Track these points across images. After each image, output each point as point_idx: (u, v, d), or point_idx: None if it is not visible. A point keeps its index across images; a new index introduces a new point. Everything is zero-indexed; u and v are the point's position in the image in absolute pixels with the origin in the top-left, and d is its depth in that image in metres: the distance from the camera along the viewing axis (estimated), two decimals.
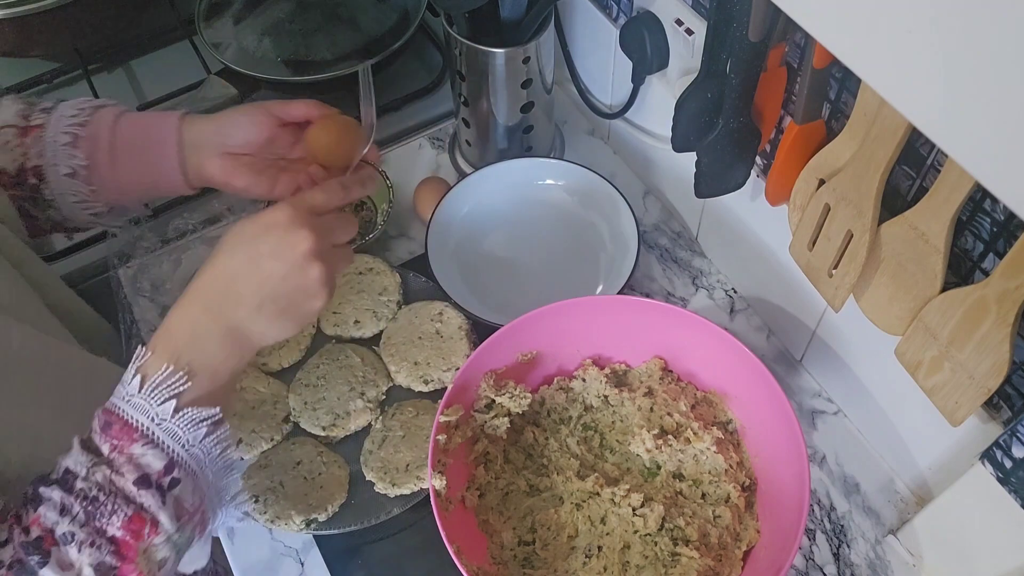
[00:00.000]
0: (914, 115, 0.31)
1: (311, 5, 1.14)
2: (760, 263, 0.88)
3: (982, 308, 0.57)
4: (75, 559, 0.53)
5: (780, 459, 0.73)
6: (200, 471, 0.58)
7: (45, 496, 0.54)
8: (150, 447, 0.55)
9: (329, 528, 0.78)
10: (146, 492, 0.55)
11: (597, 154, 1.07)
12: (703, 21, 0.78)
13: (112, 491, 0.54)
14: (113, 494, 0.54)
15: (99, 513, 0.54)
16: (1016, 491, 0.61)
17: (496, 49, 0.89)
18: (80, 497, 0.54)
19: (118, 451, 0.55)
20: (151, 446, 0.55)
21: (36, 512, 0.54)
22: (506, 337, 0.77)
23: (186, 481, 0.57)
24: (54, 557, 0.52)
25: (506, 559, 0.73)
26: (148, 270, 0.98)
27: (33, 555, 0.52)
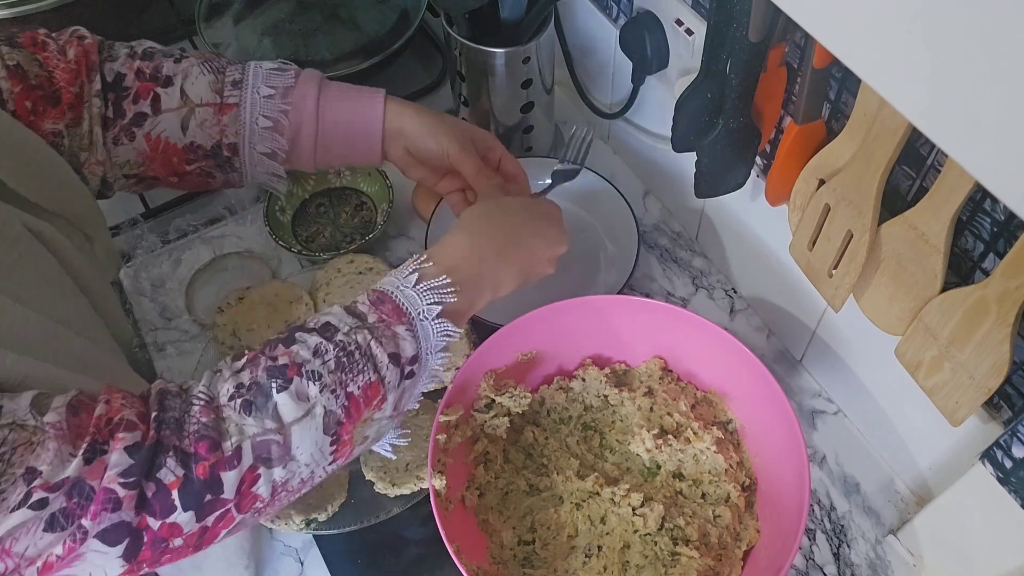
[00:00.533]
0: (914, 115, 0.31)
1: (311, 5, 1.14)
2: (760, 263, 0.88)
3: (982, 308, 0.57)
4: (313, 396, 0.55)
5: (780, 459, 0.73)
6: (423, 379, 0.63)
7: (300, 339, 0.57)
8: (410, 334, 0.60)
9: (329, 528, 0.78)
10: (394, 368, 0.59)
11: (597, 154, 1.07)
12: (703, 21, 0.78)
13: (367, 354, 0.58)
14: (366, 357, 0.58)
15: (350, 367, 0.57)
16: (1016, 491, 0.61)
17: (496, 49, 0.89)
18: (338, 347, 0.57)
19: (385, 324, 0.59)
20: (411, 334, 0.60)
21: (288, 348, 0.57)
22: (506, 337, 0.77)
23: (416, 380, 0.62)
24: (294, 386, 0.55)
25: (506, 559, 0.73)
26: (148, 270, 0.98)
27: (275, 378, 0.55)
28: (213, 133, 0.73)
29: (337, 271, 0.93)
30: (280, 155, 0.75)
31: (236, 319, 0.89)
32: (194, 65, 0.73)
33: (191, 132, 0.73)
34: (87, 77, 0.70)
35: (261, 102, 0.74)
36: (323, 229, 1.01)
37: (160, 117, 0.72)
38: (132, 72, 0.72)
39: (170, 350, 0.93)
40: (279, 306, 0.90)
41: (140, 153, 0.73)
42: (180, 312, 0.95)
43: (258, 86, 0.74)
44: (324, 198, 1.03)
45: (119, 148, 0.72)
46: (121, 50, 0.73)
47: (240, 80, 0.74)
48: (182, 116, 0.72)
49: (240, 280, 0.96)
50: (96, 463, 0.49)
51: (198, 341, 0.93)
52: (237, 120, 0.73)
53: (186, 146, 0.73)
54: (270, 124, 0.74)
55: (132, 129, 0.72)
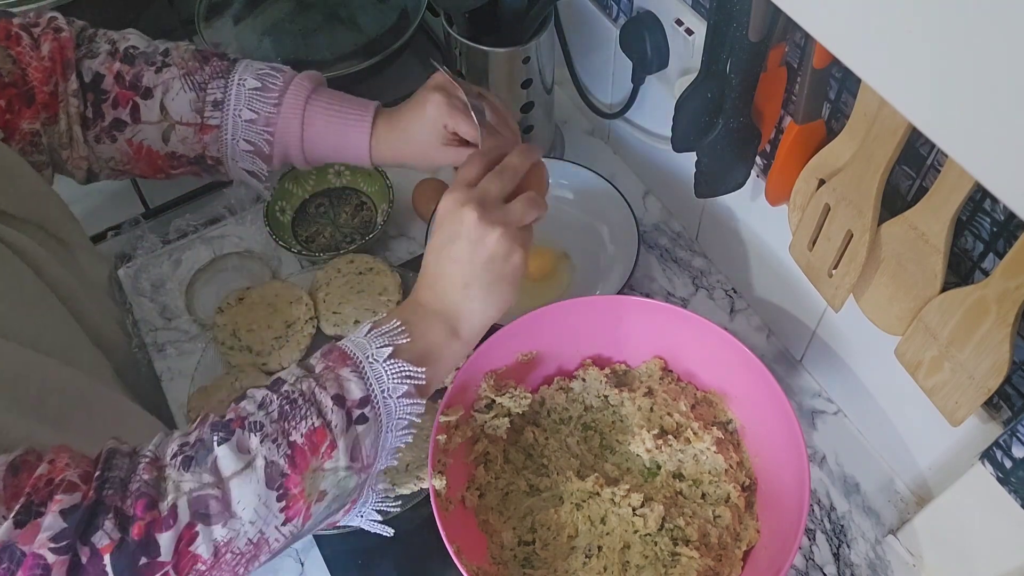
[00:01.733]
0: (914, 115, 0.31)
1: (311, 5, 1.14)
2: (760, 263, 0.88)
3: (982, 308, 0.57)
4: (254, 447, 0.53)
5: (780, 459, 0.73)
6: (385, 427, 0.59)
7: (249, 395, 0.57)
8: (356, 376, 0.58)
9: (329, 528, 0.78)
10: (338, 410, 0.56)
11: (597, 154, 1.07)
12: (703, 21, 0.78)
13: (310, 399, 0.56)
14: (310, 402, 0.56)
15: (292, 415, 0.55)
16: (1016, 491, 0.61)
17: (496, 49, 0.89)
18: (282, 397, 0.56)
19: (329, 370, 0.58)
20: (357, 375, 0.58)
21: (237, 404, 0.56)
22: (506, 337, 0.77)
23: (371, 426, 0.58)
24: (236, 438, 0.53)
25: (506, 559, 0.73)
26: (148, 270, 0.98)
27: (218, 431, 0.53)
28: (195, 147, 0.72)
29: (337, 271, 0.93)
30: (262, 176, 0.74)
31: (236, 319, 0.89)
32: (176, 78, 0.71)
33: (172, 144, 0.72)
34: (62, 75, 0.68)
35: (243, 126, 0.72)
36: (323, 229, 1.01)
37: (140, 126, 0.71)
38: (112, 75, 0.70)
39: (170, 350, 0.93)
40: (279, 306, 0.90)
41: (123, 154, 0.72)
42: (180, 312, 0.95)
43: (240, 109, 0.72)
44: (324, 198, 1.03)
45: (101, 147, 0.71)
46: (102, 46, 0.71)
47: (222, 100, 0.71)
48: (163, 130, 0.71)
49: (240, 280, 0.96)
50: (29, 526, 0.46)
51: (198, 341, 0.93)
52: (219, 140, 0.72)
53: (168, 154, 0.72)
54: (251, 148, 0.73)
55: (113, 132, 0.71)
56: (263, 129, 0.73)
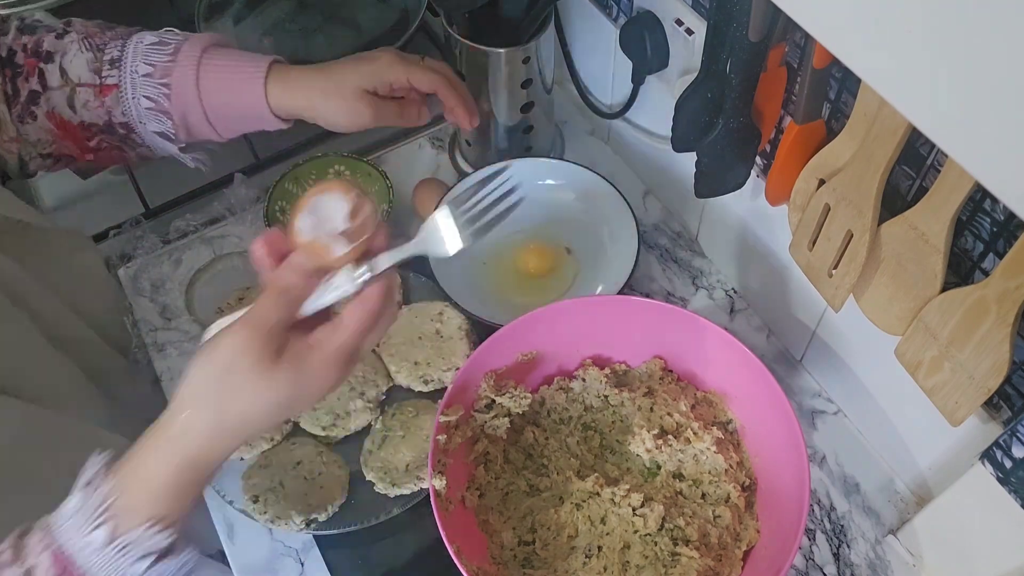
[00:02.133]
0: (914, 115, 0.31)
1: (311, 5, 1.14)
2: (760, 263, 0.88)
3: (982, 308, 0.57)
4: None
5: (780, 459, 0.73)
6: None
7: None
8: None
9: (329, 528, 0.78)
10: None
11: (597, 154, 1.07)
12: (703, 21, 0.78)
13: None
14: None
15: None
16: (1016, 491, 0.61)
17: (496, 49, 0.89)
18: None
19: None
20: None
21: None
22: (506, 337, 0.77)
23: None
24: None
25: (506, 559, 0.73)
26: (148, 270, 0.98)
27: None
28: (100, 113, 0.70)
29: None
30: (170, 135, 0.72)
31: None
32: (74, 42, 0.71)
33: (79, 112, 0.70)
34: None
35: (140, 82, 0.70)
36: None
37: (48, 93, 0.70)
38: (20, 48, 0.70)
39: (170, 350, 0.93)
40: None
41: (47, 131, 0.71)
42: (180, 312, 0.95)
43: (136, 64, 0.71)
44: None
45: (27, 127, 0.70)
46: (12, 23, 0.71)
47: (119, 58, 0.71)
48: (66, 95, 0.70)
49: (240, 280, 0.96)
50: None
51: (198, 341, 0.92)
52: (120, 101, 0.70)
53: (79, 124, 0.71)
54: (152, 104, 0.71)
55: (31, 108, 0.70)
56: (159, 82, 0.71)
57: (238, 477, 0.80)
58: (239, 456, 0.81)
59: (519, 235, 0.97)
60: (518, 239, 0.97)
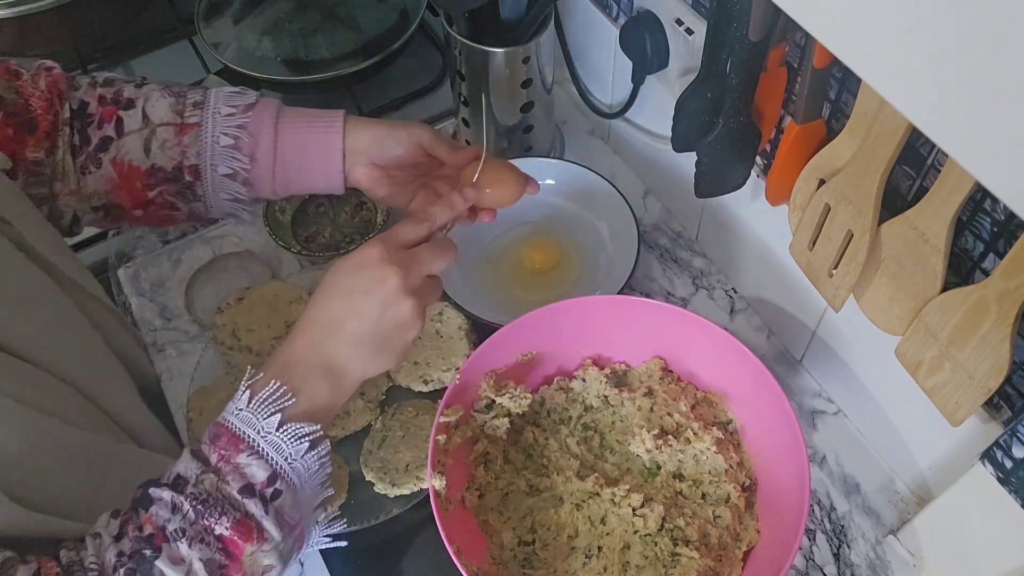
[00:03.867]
0: (914, 115, 0.31)
1: (310, 5, 1.14)
2: (760, 263, 0.88)
3: (982, 308, 0.57)
4: (185, 554, 0.55)
5: (780, 459, 0.73)
6: (300, 486, 0.60)
7: (155, 496, 0.57)
8: (255, 458, 0.58)
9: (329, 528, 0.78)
10: (250, 500, 0.57)
11: (597, 154, 1.07)
12: (703, 21, 0.78)
13: (219, 497, 0.56)
14: (221, 500, 0.56)
15: (208, 513, 0.56)
16: (1016, 491, 0.61)
17: (496, 49, 0.89)
18: (190, 498, 0.56)
19: (225, 460, 0.57)
20: (256, 457, 0.58)
21: (148, 512, 0.56)
22: (506, 337, 0.77)
23: (287, 494, 0.59)
24: (165, 552, 0.55)
25: (506, 559, 0.73)
26: (148, 270, 0.98)
27: (147, 548, 0.55)
28: (174, 154, 0.73)
29: None
30: (241, 174, 0.74)
31: (236, 319, 0.89)
32: (155, 90, 0.74)
33: (153, 154, 0.72)
34: (59, 105, 0.71)
35: (222, 120, 0.74)
36: (323, 229, 1.01)
37: (124, 139, 0.72)
38: (95, 99, 0.73)
39: (170, 350, 0.93)
40: (279, 306, 0.90)
41: (107, 180, 0.73)
42: (180, 312, 0.95)
43: (219, 107, 0.74)
44: (324, 198, 1.03)
45: (88, 177, 0.73)
46: (83, 80, 0.74)
47: (201, 101, 0.74)
48: (144, 137, 0.72)
49: (240, 280, 0.96)
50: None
51: (198, 341, 0.93)
52: (198, 140, 0.73)
53: (148, 168, 0.73)
54: (231, 142, 0.73)
55: (98, 155, 0.72)
56: (241, 118, 0.74)
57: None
58: None
59: (520, 234, 0.97)
60: (519, 238, 0.97)
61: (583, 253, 0.96)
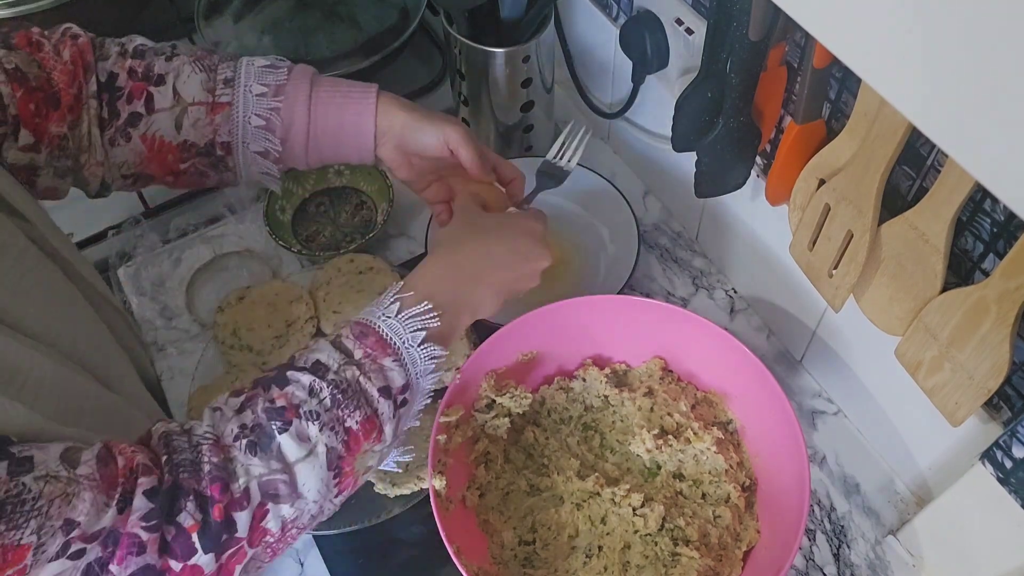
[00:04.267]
0: (914, 115, 0.31)
1: (311, 3, 1.14)
2: (760, 263, 0.88)
3: (982, 308, 0.57)
4: (314, 436, 0.57)
5: (780, 459, 0.73)
6: (418, 402, 0.65)
7: (293, 379, 0.59)
8: (397, 365, 0.61)
9: (329, 528, 0.78)
10: (385, 401, 0.60)
11: (597, 154, 1.07)
12: (703, 21, 0.78)
13: (358, 390, 0.59)
14: (359, 393, 0.59)
15: (345, 404, 0.58)
16: (1016, 491, 0.61)
17: (496, 49, 0.89)
18: (331, 385, 0.58)
19: (371, 359, 0.60)
20: (398, 364, 0.61)
21: (283, 390, 0.58)
22: (506, 337, 0.77)
23: (410, 407, 0.63)
24: (295, 427, 0.56)
25: (506, 559, 0.73)
26: (148, 269, 0.98)
27: (275, 420, 0.56)
28: (206, 132, 0.72)
29: (337, 270, 0.93)
30: (273, 154, 0.74)
31: (236, 319, 0.89)
32: (186, 63, 0.72)
33: (184, 131, 0.72)
34: (84, 78, 0.69)
35: (253, 100, 0.73)
36: (323, 228, 1.01)
37: (154, 116, 0.71)
38: (124, 71, 0.71)
39: (170, 350, 0.93)
40: (279, 306, 0.90)
41: (137, 154, 0.72)
42: (180, 312, 0.95)
43: (250, 84, 0.73)
44: (324, 197, 1.03)
45: (116, 149, 0.72)
46: (112, 48, 0.72)
47: (232, 78, 0.73)
48: (175, 115, 0.71)
49: (240, 280, 0.96)
50: (125, 511, 0.51)
51: (198, 341, 0.93)
52: (230, 119, 0.72)
53: (180, 144, 0.72)
54: (263, 123, 0.73)
55: (128, 130, 0.71)
56: (273, 100, 0.73)
57: None
58: None
59: None
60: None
61: (583, 253, 0.96)
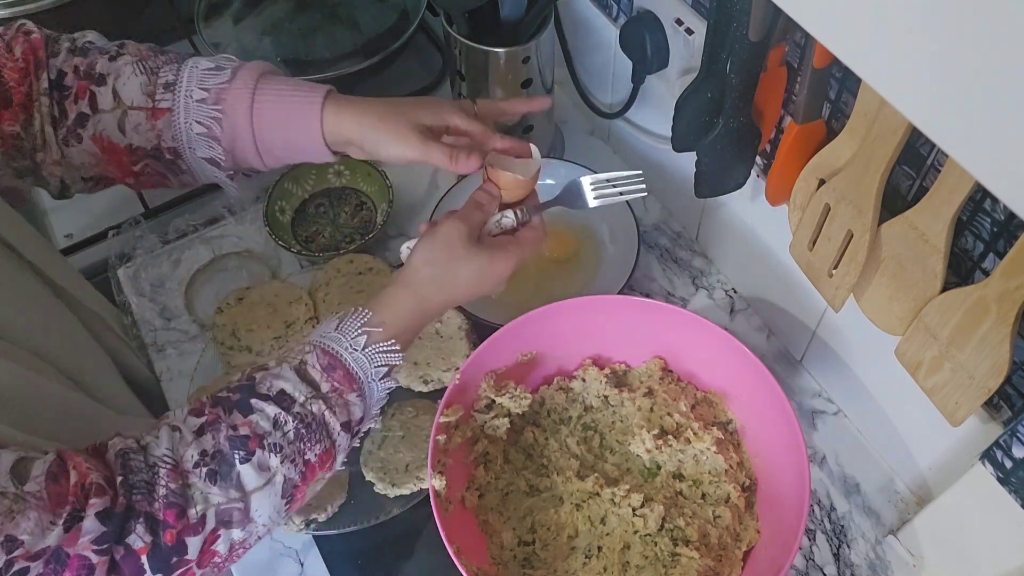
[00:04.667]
0: (914, 115, 0.31)
1: (310, 4, 1.14)
2: (760, 263, 0.88)
3: (982, 308, 0.57)
4: (274, 466, 0.58)
5: (780, 459, 0.73)
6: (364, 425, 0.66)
7: (257, 407, 0.59)
8: (360, 399, 0.63)
9: (329, 528, 0.78)
10: (345, 435, 0.62)
11: (597, 154, 1.07)
12: (703, 21, 0.78)
13: (322, 424, 0.61)
14: (322, 427, 0.61)
15: (307, 438, 0.60)
16: (1016, 491, 0.61)
17: (496, 49, 0.89)
18: (296, 419, 0.59)
19: (337, 394, 0.62)
20: (360, 399, 0.63)
21: (247, 418, 0.59)
22: (506, 337, 0.77)
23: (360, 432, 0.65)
24: (256, 458, 0.58)
25: (506, 559, 0.73)
26: (148, 270, 0.98)
27: (238, 449, 0.57)
28: (150, 137, 0.70)
29: (337, 271, 0.93)
30: (219, 160, 0.72)
31: (236, 319, 0.89)
32: (128, 64, 0.70)
33: (128, 134, 0.70)
34: (35, 75, 0.68)
35: (194, 107, 0.70)
36: (323, 229, 1.01)
37: (99, 116, 0.70)
38: (71, 70, 0.70)
39: (170, 350, 0.93)
40: (279, 306, 0.90)
41: (91, 155, 0.70)
42: (180, 312, 0.95)
43: (191, 89, 0.70)
44: (324, 198, 1.03)
45: (71, 150, 0.70)
46: (63, 44, 0.71)
47: (173, 82, 0.70)
48: (117, 117, 0.70)
49: (240, 280, 0.96)
50: (73, 531, 0.50)
51: (198, 341, 0.93)
52: (172, 125, 0.70)
53: (127, 147, 0.70)
54: (204, 130, 0.71)
55: (77, 130, 0.69)
56: (212, 108, 0.70)
57: None
58: None
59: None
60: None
61: (583, 253, 0.96)
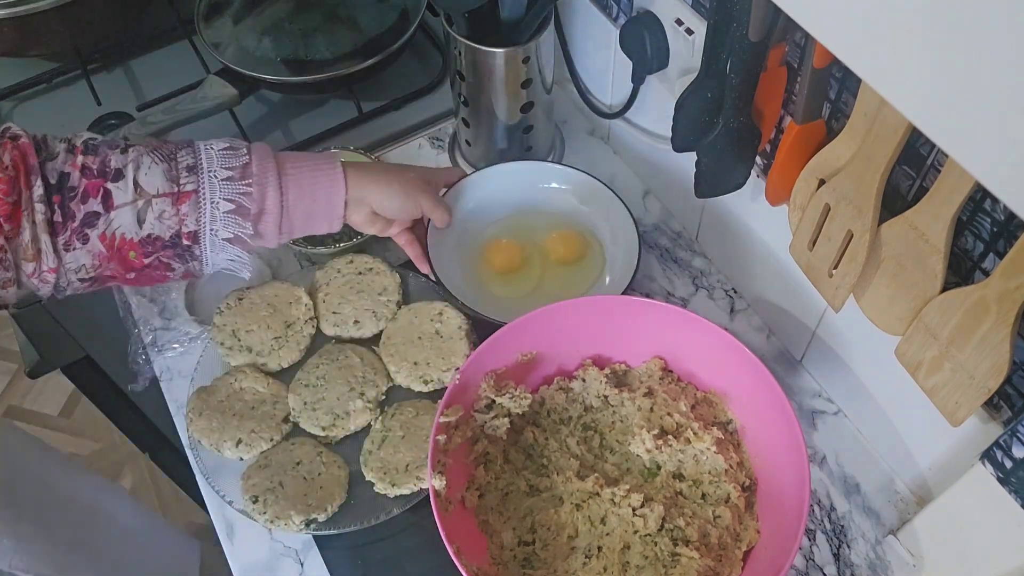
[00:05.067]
0: (914, 115, 0.31)
1: (310, 5, 1.14)
2: (760, 263, 0.88)
3: (982, 308, 0.57)
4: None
5: (780, 459, 0.73)
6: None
7: None
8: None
9: (329, 528, 0.78)
10: None
11: (597, 154, 1.07)
12: (703, 21, 0.78)
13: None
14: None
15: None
16: (1016, 491, 0.61)
17: (496, 49, 0.89)
18: None
19: None
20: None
21: None
22: (506, 337, 0.77)
23: None
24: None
25: (506, 559, 0.73)
26: None
27: None
28: (172, 224, 0.70)
29: (337, 271, 0.93)
30: (243, 238, 0.72)
31: (236, 319, 0.89)
32: (144, 155, 0.70)
33: (148, 225, 0.69)
34: (26, 183, 0.66)
35: (220, 186, 0.71)
36: None
37: (113, 213, 0.68)
38: (76, 170, 0.68)
39: (170, 350, 0.93)
40: (279, 306, 0.90)
41: (95, 255, 0.69)
42: (180, 312, 0.95)
43: (214, 169, 0.71)
44: None
45: (72, 253, 0.68)
46: (58, 146, 0.69)
47: (195, 165, 0.71)
48: (137, 209, 0.69)
49: (240, 280, 0.96)
50: None
51: (197, 341, 0.93)
52: (197, 207, 0.70)
53: (143, 239, 0.69)
54: (232, 207, 0.71)
55: (84, 231, 0.68)
56: (242, 184, 0.72)
57: (238, 477, 0.80)
58: (239, 456, 0.81)
59: (514, 233, 0.97)
60: (536, 236, 0.97)
61: (583, 253, 0.95)
